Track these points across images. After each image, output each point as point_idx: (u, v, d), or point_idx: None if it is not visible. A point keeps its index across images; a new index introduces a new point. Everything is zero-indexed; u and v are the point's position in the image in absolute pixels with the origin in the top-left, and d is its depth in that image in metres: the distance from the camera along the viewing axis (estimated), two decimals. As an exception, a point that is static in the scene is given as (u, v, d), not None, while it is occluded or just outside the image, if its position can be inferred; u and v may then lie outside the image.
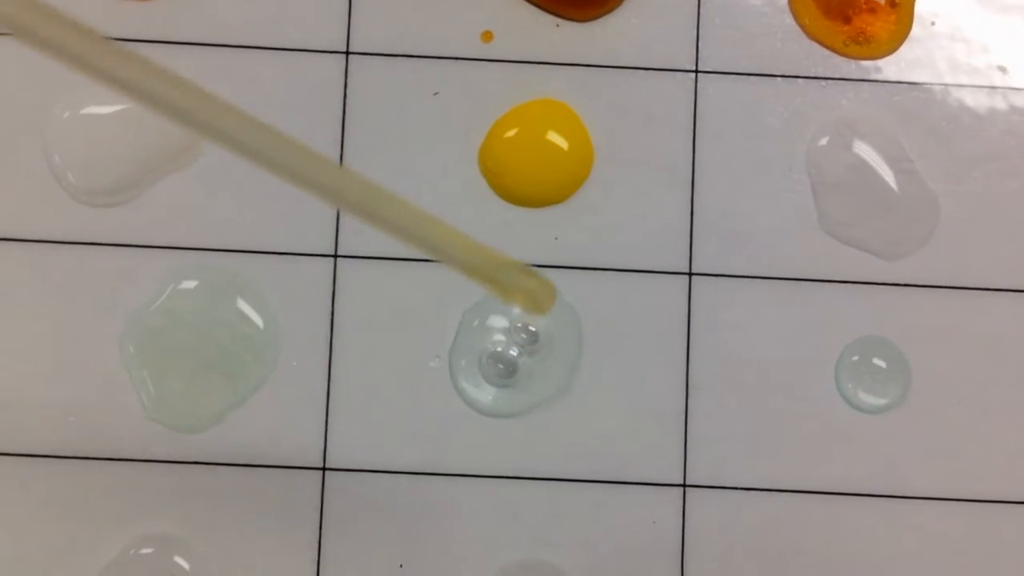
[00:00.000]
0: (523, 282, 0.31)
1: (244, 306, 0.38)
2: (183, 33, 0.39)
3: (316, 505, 0.38)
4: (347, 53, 0.39)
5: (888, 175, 0.40)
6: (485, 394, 0.38)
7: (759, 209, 0.40)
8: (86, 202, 0.38)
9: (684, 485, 0.38)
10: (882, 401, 0.39)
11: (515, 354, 0.38)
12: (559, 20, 0.39)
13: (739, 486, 0.38)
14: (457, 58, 0.40)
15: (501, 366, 0.38)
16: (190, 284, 0.38)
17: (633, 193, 0.40)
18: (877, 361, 0.39)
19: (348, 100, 0.39)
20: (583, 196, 0.39)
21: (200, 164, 0.39)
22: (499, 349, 0.38)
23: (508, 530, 0.37)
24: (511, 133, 0.39)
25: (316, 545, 0.37)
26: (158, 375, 0.38)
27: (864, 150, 0.40)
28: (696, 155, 0.40)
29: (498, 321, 0.38)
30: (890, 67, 0.40)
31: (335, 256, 0.39)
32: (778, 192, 0.40)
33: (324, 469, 0.38)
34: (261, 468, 0.38)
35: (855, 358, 0.39)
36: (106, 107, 0.38)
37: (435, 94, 0.39)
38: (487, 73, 0.40)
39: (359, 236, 0.39)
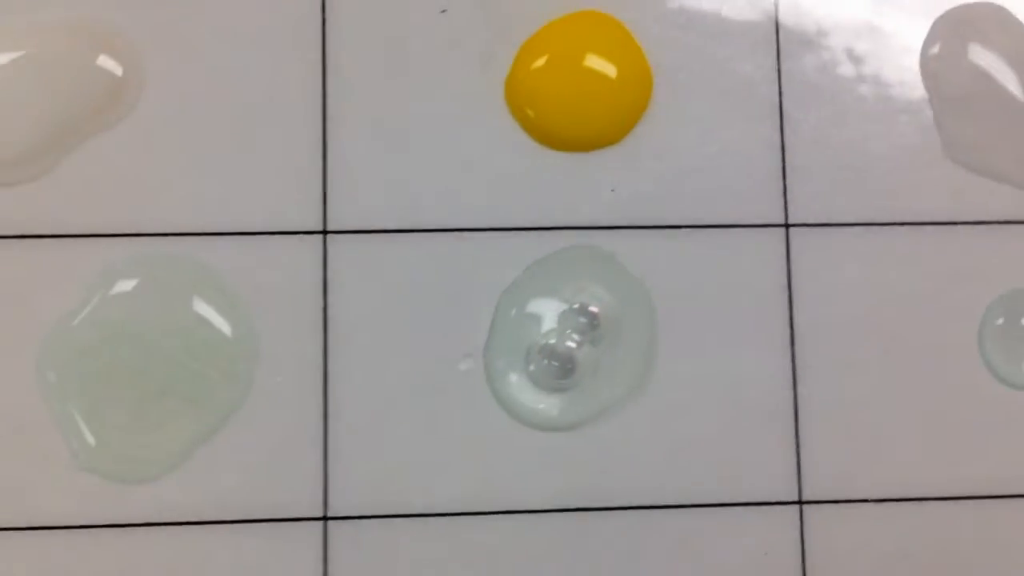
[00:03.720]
0: None
1: (204, 307, 0.36)
2: None
3: (319, 567, 0.35)
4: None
5: (1019, 84, 0.38)
6: (536, 402, 0.36)
7: (867, 137, 0.37)
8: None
9: (800, 502, 0.36)
10: (1043, 373, 0.37)
11: (573, 345, 0.36)
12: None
13: (869, 498, 0.36)
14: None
15: (555, 363, 0.36)
16: (128, 284, 0.35)
17: (705, 126, 0.37)
18: (1030, 322, 0.37)
19: (328, 25, 0.36)
20: (642, 134, 0.37)
21: (132, 120, 0.36)
22: (551, 341, 0.36)
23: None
24: (541, 60, 0.37)
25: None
26: (91, 409, 0.35)
27: (986, 55, 0.38)
28: (782, 70, 0.38)
29: (545, 304, 0.36)
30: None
31: (324, 232, 0.36)
32: (891, 113, 0.37)
33: (326, 519, 0.36)
34: (241, 524, 0.35)
35: (1000, 320, 0.37)
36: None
37: (442, 12, 0.37)
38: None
39: (356, 204, 0.36)
